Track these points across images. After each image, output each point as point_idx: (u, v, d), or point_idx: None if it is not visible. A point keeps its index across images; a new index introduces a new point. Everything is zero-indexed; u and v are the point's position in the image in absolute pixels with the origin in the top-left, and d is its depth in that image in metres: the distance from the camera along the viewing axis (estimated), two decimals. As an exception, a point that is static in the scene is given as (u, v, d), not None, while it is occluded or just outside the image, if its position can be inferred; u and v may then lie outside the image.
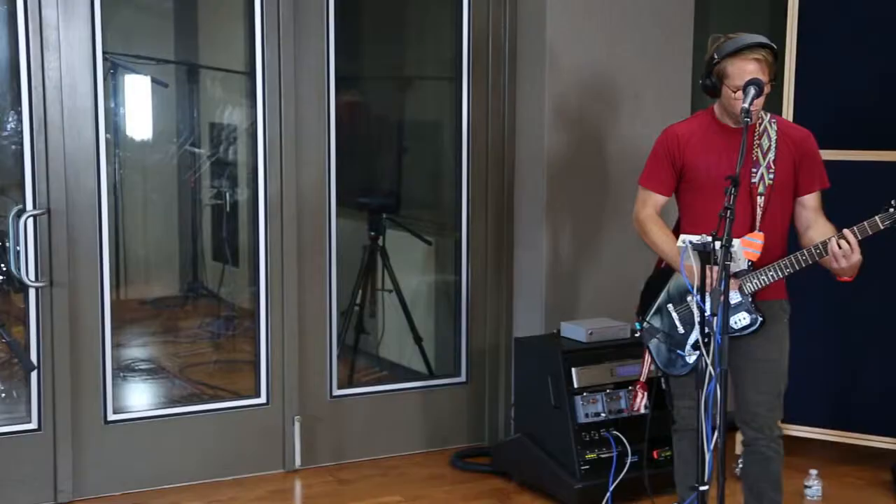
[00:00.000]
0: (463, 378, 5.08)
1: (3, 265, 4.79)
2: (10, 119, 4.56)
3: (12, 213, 4.32)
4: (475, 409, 5.08)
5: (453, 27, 4.95)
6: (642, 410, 3.94)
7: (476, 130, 4.95)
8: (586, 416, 4.29)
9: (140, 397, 5.35)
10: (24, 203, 4.21)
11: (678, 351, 3.54)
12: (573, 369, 4.32)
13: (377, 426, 4.89)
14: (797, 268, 3.36)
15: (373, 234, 5.33)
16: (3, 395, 4.82)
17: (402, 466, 4.80)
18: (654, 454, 4.25)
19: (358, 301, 5.34)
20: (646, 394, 3.91)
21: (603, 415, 4.32)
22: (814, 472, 4.42)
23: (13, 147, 4.58)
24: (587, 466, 4.23)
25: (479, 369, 5.07)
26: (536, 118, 4.79)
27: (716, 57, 3.39)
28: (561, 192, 4.79)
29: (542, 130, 4.75)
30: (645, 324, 3.65)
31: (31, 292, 4.22)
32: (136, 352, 5.71)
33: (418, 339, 5.31)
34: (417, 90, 5.81)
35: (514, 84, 4.91)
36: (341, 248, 4.79)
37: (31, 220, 4.16)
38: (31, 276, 4.19)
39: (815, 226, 3.52)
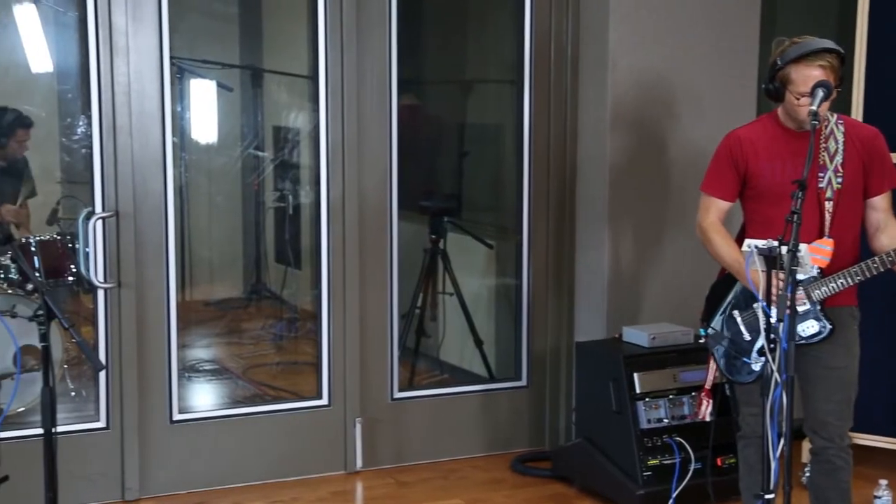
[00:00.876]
0: (523, 382, 5.07)
1: (73, 267, 4.90)
2: (81, 123, 4.66)
3: (82, 216, 4.41)
4: (536, 413, 5.06)
5: (515, 30, 4.94)
6: (707, 418, 3.90)
7: (537, 133, 4.94)
8: (648, 421, 4.25)
9: (204, 398, 5.43)
10: (93, 205, 4.29)
11: (744, 358, 3.49)
12: (635, 374, 4.28)
13: (438, 429, 4.90)
14: (868, 275, 3.30)
15: (434, 236, 5.35)
16: (73, 393, 4.92)
17: (462, 470, 4.80)
18: (718, 462, 4.20)
19: (419, 304, 5.36)
20: (711, 402, 3.87)
21: (666, 420, 4.28)
22: (883, 482, 4.32)
23: (83, 151, 4.67)
24: (649, 473, 4.20)
25: (539, 373, 5.05)
26: (598, 121, 4.76)
27: (779, 62, 3.31)
28: (623, 196, 4.75)
29: (603, 133, 4.72)
30: (710, 329, 3.61)
31: (100, 293, 4.30)
32: (201, 352, 5.79)
33: (479, 343, 5.31)
34: (479, 93, 5.81)
35: (576, 87, 4.89)
36: (402, 251, 4.81)
37: (99, 223, 4.24)
38: (100, 277, 4.27)
39: (886, 228, 3.44)
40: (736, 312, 3.53)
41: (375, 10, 4.58)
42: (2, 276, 4.68)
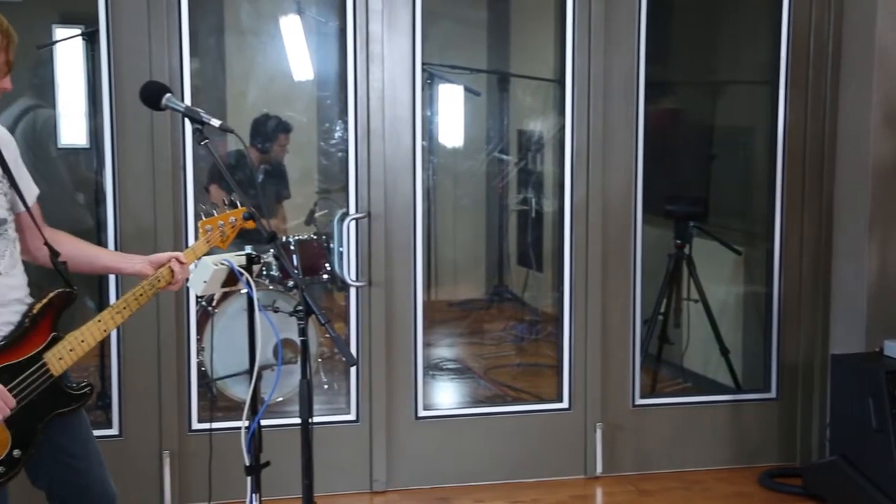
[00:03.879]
0: (773, 394, 4.86)
1: (328, 265, 5.14)
2: (338, 128, 4.88)
3: (337, 217, 4.61)
4: (786, 427, 4.85)
5: (771, 28, 4.75)
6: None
7: (793, 135, 4.73)
8: (912, 441, 3.97)
9: (447, 396, 5.55)
10: (347, 207, 4.48)
11: None
12: (898, 391, 4.02)
13: (680, 438, 4.78)
14: None
15: (679, 241, 5.23)
16: (326, 386, 5.16)
17: (705, 481, 4.66)
18: None
19: (662, 310, 5.25)
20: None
21: (931, 442, 3.98)
22: None
23: (339, 154, 4.89)
24: (912, 497, 3.92)
25: (790, 385, 4.83)
26: (862, 122, 4.49)
27: None
28: (889, 201, 4.46)
29: (867, 135, 4.45)
30: None
31: (352, 291, 4.47)
32: (444, 351, 5.93)
33: (725, 352, 5.15)
34: (729, 95, 5.63)
35: (837, 86, 4.64)
36: (646, 256, 4.73)
37: (353, 224, 4.41)
38: (353, 275, 4.44)
39: None
40: None
41: (625, 11, 4.53)
42: (264, 273, 4.98)
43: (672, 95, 5.57)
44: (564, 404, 4.70)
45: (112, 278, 4.17)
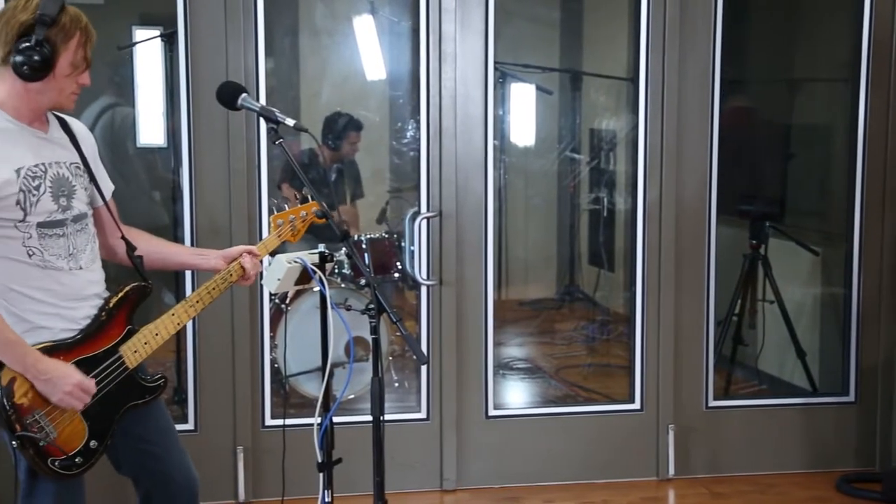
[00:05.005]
0: (851, 397, 4.76)
1: (399, 264, 5.16)
2: (410, 127, 4.90)
3: (408, 216, 4.63)
4: (864, 432, 4.74)
5: (851, 24, 4.65)
6: None
7: (873, 134, 4.62)
8: None
9: (517, 395, 5.54)
10: (418, 206, 4.49)
11: None
12: (983, 397, 3.90)
13: (755, 441, 4.71)
14: None
15: (754, 242, 5.15)
16: (396, 384, 5.18)
17: (781, 485, 4.58)
18: None
19: (736, 311, 5.18)
20: None
21: None
22: None
23: (411, 153, 4.91)
24: None
25: (870, 389, 4.73)
26: (945, 119, 4.38)
27: None
28: (972, 201, 4.35)
29: (951, 133, 4.34)
30: None
31: (423, 290, 4.49)
32: (514, 351, 5.93)
33: (801, 354, 5.05)
34: (807, 93, 5.53)
35: (920, 83, 4.53)
36: (720, 257, 4.67)
37: (424, 222, 4.43)
38: (423, 274, 4.46)
39: None
40: None
41: (701, 8, 4.47)
42: (336, 271, 5.02)
43: (748, 93, 5.48)
44: (636, 405, 4.66)
45: (189, 274, 4.24)
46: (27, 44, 2.55)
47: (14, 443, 2.55)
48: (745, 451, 4.70)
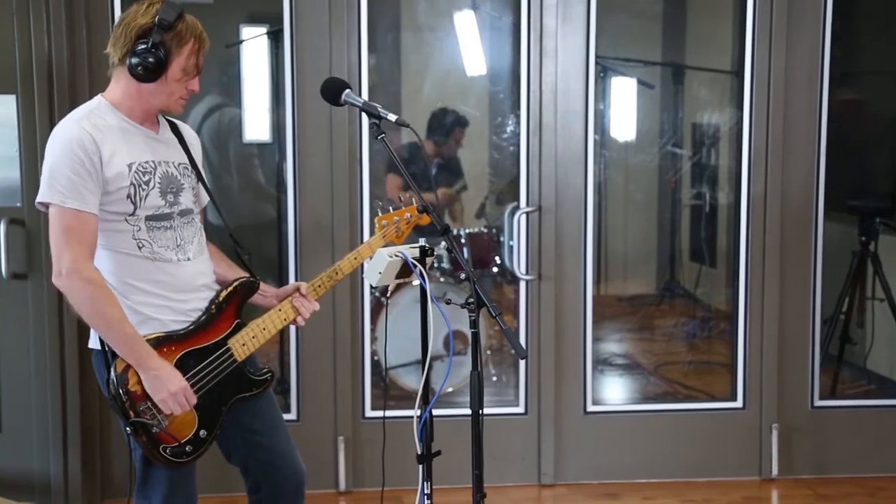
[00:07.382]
0: (964, 400, 4.61)
1: (497, 258, 5.18)
2: (510, 122, 4.91)
3: (507, 211, 4.64)
4: (978, 436, 4.58)
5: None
6: None
7: None
8: None
9: (615, 391, 5.50)
10: (517, 200, 4.49)
11: None
12: None
13: (863, 442, 4.58)
14: None
15: (863, 238, 5.01)
16: (494, 378, 5.20)
17: (891, 489, 4.45)
18: None
19: (844, 309, 5.05)
20: None
21: None
22: None
23: (510, 148, 4.91)
24: None
25: (984, 392, 4.57)
26: None
27: None
28: None
29: None
30: None
31: (522, 284, 4.49)
32: (613, 347, 5.88)
33: (912, 354, 4.91)
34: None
35: None
36: (827, 253, 4.55)
37: (523, 217, 4.43)
38: (522, 269, 4.46)
39: None
40: None
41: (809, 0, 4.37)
42: (436, 265, 5.06)
43: (857, 85, 5.33)
44: (738, 403, 4.59)
45: (293, 269, 4.33)
46: (144, 46, 2.66)
47: (128, 429, 2.64)
48: (853, 453, 4.58)
